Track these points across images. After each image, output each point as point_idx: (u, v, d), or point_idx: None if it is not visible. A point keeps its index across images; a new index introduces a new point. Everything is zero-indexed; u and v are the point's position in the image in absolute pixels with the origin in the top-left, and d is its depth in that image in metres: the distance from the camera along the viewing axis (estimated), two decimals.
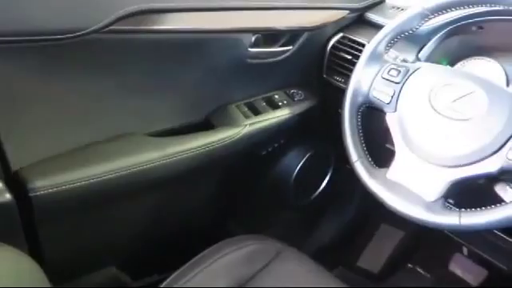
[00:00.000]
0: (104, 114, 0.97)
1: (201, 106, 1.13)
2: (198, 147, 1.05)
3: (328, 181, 1.47)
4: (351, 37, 1.16)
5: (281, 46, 1.14)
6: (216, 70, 1.07)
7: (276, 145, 1.27)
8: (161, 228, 1.20)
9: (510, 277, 1.26)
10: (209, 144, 1.07)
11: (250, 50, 1.07)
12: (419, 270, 1.51)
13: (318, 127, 1.31)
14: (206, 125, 1.13)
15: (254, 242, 1.02)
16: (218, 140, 1.07)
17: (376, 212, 1.55)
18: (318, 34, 1.18)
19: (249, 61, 1.09)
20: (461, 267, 1.43)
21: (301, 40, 1.15)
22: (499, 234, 0.97)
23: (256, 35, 1.07)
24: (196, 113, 1.13)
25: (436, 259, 1.48)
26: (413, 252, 1.55)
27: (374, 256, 1.57)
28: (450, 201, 0.85)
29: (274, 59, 1.14)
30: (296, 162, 1.32)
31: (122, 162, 0.95)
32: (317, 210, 1.54)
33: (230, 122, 1.12)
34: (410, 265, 1.54)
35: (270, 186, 1.34)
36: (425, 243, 1.53)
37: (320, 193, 1.45)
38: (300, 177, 1.33)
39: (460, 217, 0.76)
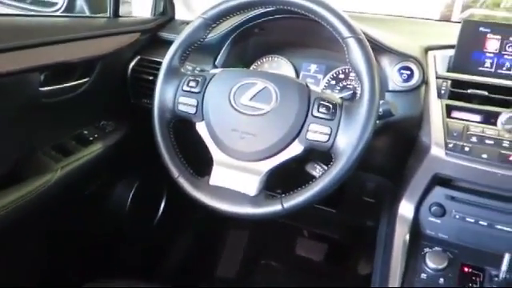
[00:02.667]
0: None
1: (3, 158, 1.01)
2: (8, 204, 0.94)
3: (166, 204, 1.45)
4: (148, 57, 1.16)
5: (77, 80, 1.08)
6: (9, 116, 0.97)
7: (99, 181, 1.20)
8: None
9: (344, 245, 1.41)
10: (20, 199, 0.96)
11: (41, 89, 0.99)
12: (272, 263, 1.59)
13: (140, 154, 1.28)
14: (13, 178, 1.02)
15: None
16: (29, 192, 0.97)
17: (222, 221, 1.58)
18: (114, 60, 1.15)
19: (44, 100, 1.01)
20: (305, 249, 1.54)
21: (97, 69, 1.11)
22: (320, 207, 1.07)
23: (44, 73, 1.00)
24: None
25: (284, 249, 1.58)
26: (263, 248, 1.62)
27: (230, 262, 1.60)
28: (279, 190, 0.89)
29: (74, 94, 1.07)
30: (125, 195, 1.27)
31: None
32: (161, 237, 1.50)
33: (39, 170, 1.02)
34: (263, 261, 1.61)
35: (103, 224, 1.27)
36: (271, 237, 1.61)
37: (159, 219, 1.43)
38: (134, 208, 1.28)
39: (282, 202, 0.81)
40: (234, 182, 0.84)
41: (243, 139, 0.84)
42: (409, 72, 0.96)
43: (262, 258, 1.59)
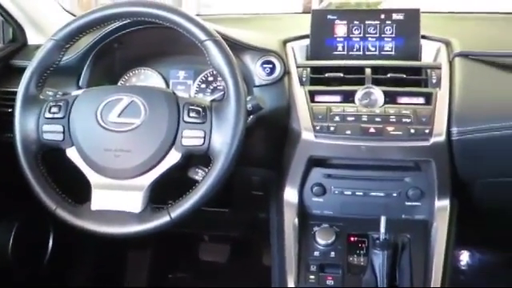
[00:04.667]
0: None
1: None
2: None
3: (55, 239, 1.36)
4: (2, 89, 1.08)
5: None
6: None
7: None
8: None
9: (245, 241, 1.44)
10: None
11: None
12: (179, 274, 1.57)
13: (14, 193, 1.18)
14: None
15: None
16: None
17: (120, 244, 1.53)
18: None
19: None
20: (208, 253, 1.55)
21: None
22: (212, 209, 1.08)
23: None
24: None
25: (188, 258, 1.57)
26: (167, 262, 1.59)
27: (136, 284, 1.55)
28: (171, 201, 0.88)
29: None
30: (5, 239, 1.17)
31: None
32: (56, 274, 1.41)
33: None
34: (170, 275, 1.58)
35: None
36: (173, 249, 1.59)
37: (50, 256, 1.33)
38: (18, 251, 1.19)
39: (169, 213, 0.81)
40: (117, 202, 0.82)
41: (118, 157, 0.82)
42: (271, 65, 1.00)
43: (169, 271, 1.57)
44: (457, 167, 0.94)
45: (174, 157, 0.82)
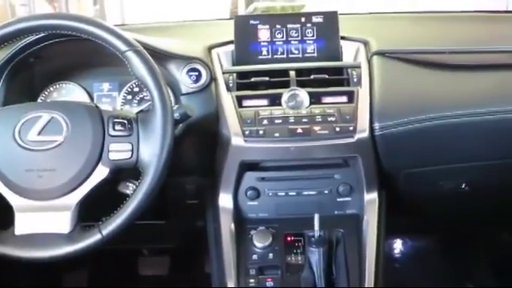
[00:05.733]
0: None
1: None
2: None
3: None
4: None
5: None
6: None
7: None
8: None
9: (185, 251, 1.43)
10: None
11: None
12: None
13: None
14: None
15: None
16: None
17: (53, 268, 1.46)
18: None
19: None
20: (148, 267, 1.52)
21: None
22: (147, 222, 1.06)
23: None
24: None
25: (128, 275, 1.53)
26: (107, 282, 1.54)
27: None
28: (104, 218, 0.85)
29: None
30: None
31: None
32: None
33: None
34: None
35: None
36: (111, 267, 1.54)
37: None
38: None
39: (101, 230, 0.79)
40: (43, 224, 0.79)
41: (42, 177, 0.79)
42: (196, 73, 1.00)
43: None
44: (382, 161, 0.99)
45: (101, 172, 0.80)
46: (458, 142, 1.02)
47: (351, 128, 0.93)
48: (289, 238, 0.97)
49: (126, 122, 0.81)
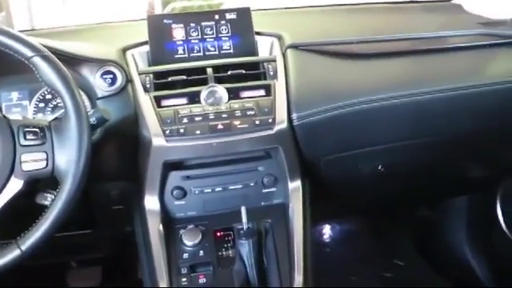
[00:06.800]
0: None
1: None
2: None
3: None
4: None
5: None
6: None
7: None
8: None
9: (116, 259, 1.39)
10: None
11: None
12: None
13: None
14: None
15: None
16: None
17: None
18: None
19: None
20: (78, 279, 1.46)
21: None
22: (73, 233, 1.03)
23: None
24: None
25: None
26: None
27: None
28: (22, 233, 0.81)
29: None
30: None
31: None
32: None
33: None
34: None
35: None
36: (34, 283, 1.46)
37: None
38: None
39: (19, 245, 0.75)
40: None
41: None
42: (111, 76, 0.98)
43: None
44: (302, 149, 1.02)
45: (15, 185, 0.76)
46: (373, 126, 1.07)
47: (270, 120, 0.95)
48: (218, 234, 0.98)
49: (37, 130, 0.78)
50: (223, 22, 1.11)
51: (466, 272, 1.62)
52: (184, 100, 0.97)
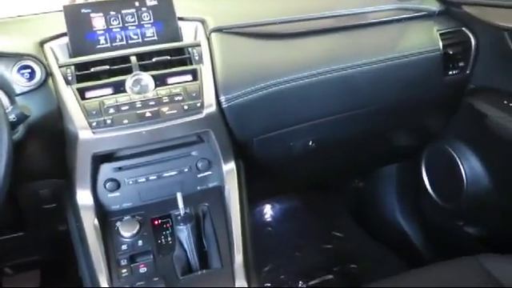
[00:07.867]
0: None
1: None
2: None
3: None
4: None
5: None
6: None
7: None
8: None
9: (56, 262, 1.34)
10: None
11: None
12: None
13: None
14: None
15: None
16: None
17: None
18: None
19: None
20: (16, 285, 1.41)
21: None
22: (4, 237, 0.99)
23: None
24: None
25: None
26: None
27: None
28: None
29: None
30: None
31: None
32: None
33: None
34: None
35: None
36: None
37: None
38: None
39: None
40: None
41: None
42: (29, 70, 0.94)
43: None
44: (233, 131, 1.03)
45: None
46: (300, 103, 1.10)
47: (198, 104, 0.95)
48: (156, 222, 0.98)
49: None
50: (144, 8, 1.09)
51: (399, 234, 1.72)
52: (109, 90, 0.95)
